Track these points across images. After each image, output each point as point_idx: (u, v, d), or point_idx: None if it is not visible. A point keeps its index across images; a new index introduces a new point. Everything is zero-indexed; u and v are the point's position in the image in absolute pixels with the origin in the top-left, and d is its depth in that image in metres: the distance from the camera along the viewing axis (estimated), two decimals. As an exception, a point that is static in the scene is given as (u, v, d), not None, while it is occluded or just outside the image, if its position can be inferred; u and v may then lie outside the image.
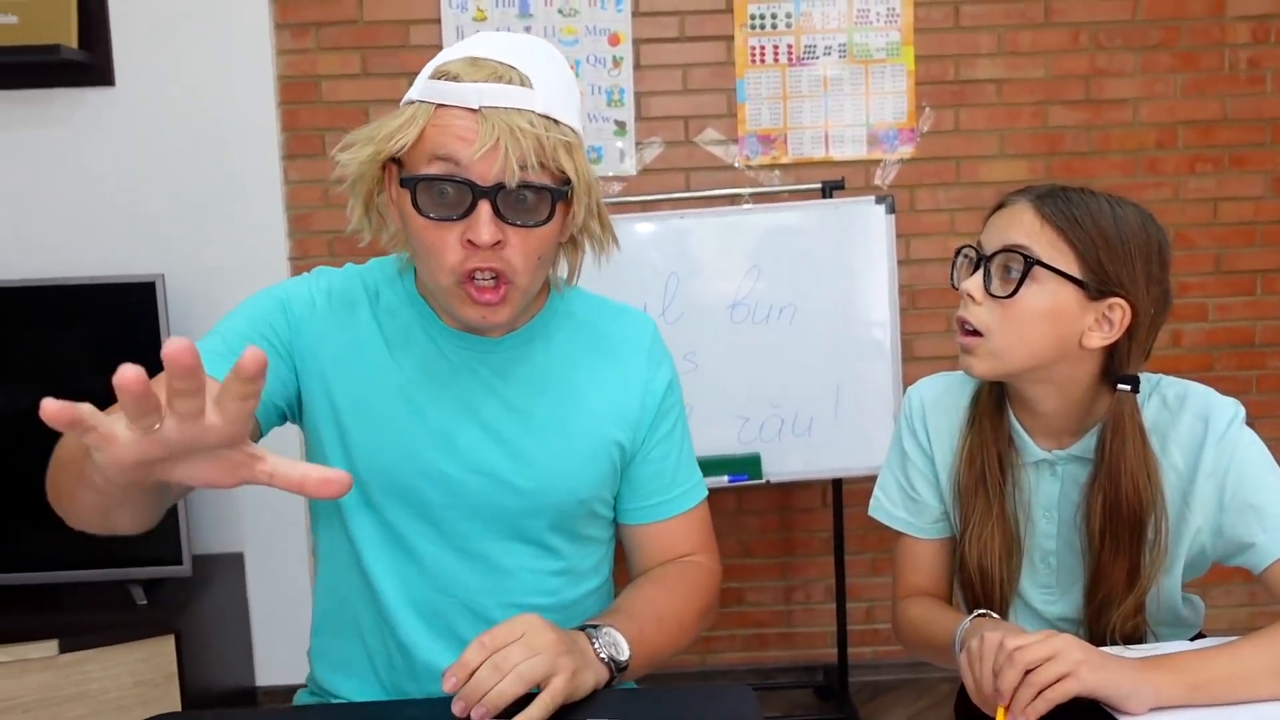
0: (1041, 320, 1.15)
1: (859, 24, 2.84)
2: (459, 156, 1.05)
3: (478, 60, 1.08)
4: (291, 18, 2.78)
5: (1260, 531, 1.13)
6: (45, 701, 2.26)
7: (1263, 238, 2.94)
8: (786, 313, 2.57)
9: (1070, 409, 1.22)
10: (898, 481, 1.37)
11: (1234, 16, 2.86)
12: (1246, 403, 2.96)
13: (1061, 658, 0.97)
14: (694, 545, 1.32)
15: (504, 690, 0.98)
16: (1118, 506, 1.17)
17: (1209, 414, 1.17)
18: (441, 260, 1.09)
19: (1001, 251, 1.16)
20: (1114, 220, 1.14)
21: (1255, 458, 1.16)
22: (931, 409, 1.33)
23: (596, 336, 1.28)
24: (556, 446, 1.22)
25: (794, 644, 3.03)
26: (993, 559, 1.25)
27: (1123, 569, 1.19)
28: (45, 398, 0.66)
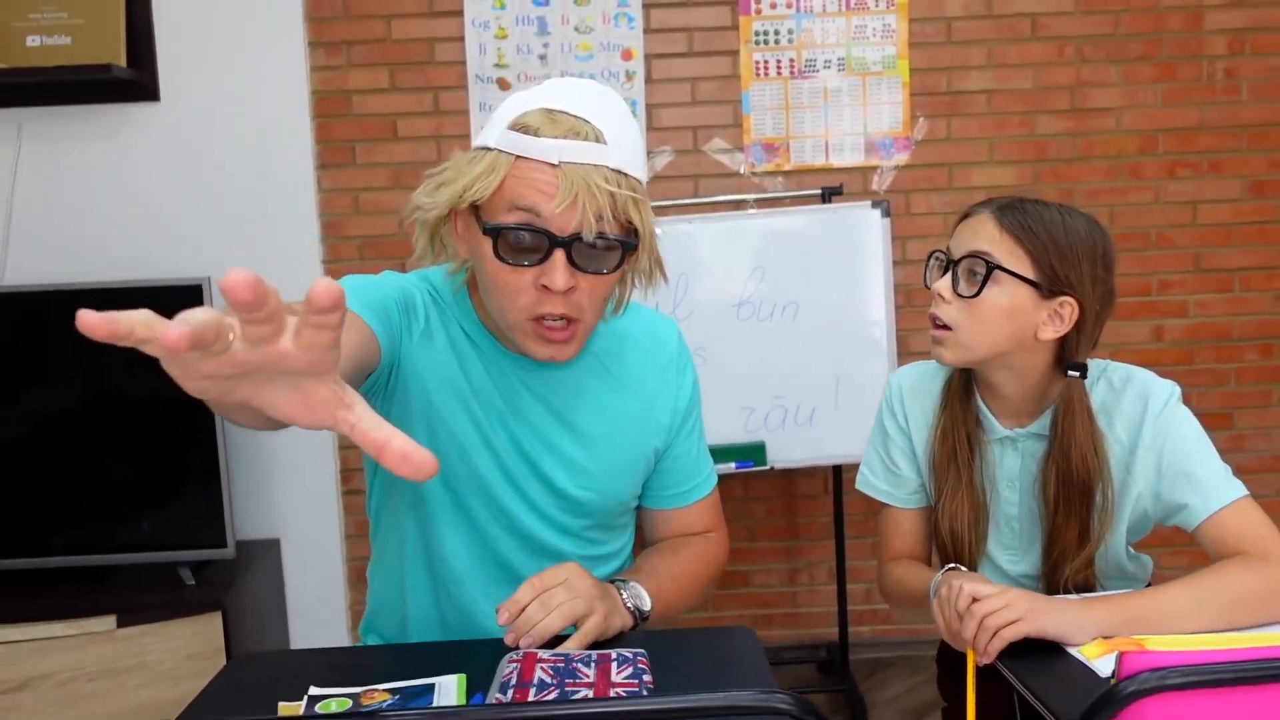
0: (1001, 316, 1.33)
1: (857, 39, 3.01)
2: (539, 209, 1.14)
3: (554, 114, 1.16)
4: (324, 36, 2.97)
5: (1192, 495, 1.31)
6: (106, 671, 2.44)
7: (1240, 238, 3.11)
8: (789, 310, 2.75)
9: (1028, 392, 1.40)
10: (880, 457, 1.54)
11: (1211, 30, 3.03)
12: (1225, 394, 3.16)
13: (1012, 607, 1.16)
14: (707, 525, 1.50)
15: (549, 624, 1.17)
16: (1069, 476, 1.35)
17: (1149, 394, 1.35)
18: (514, 301, 1.18)
19: (967, 257, 1.34)
20: (1064, 229, 1.32)
21: (1188, 432, 1.33)
22: (909, 393, 1.51)
23: (631, 349, 1.40)
24: (606, 459, 1.36)
25: (798, 623, 3.21)
26: (963, 524, 1.43)
27: (1074, 530, 1.37)
28: (80, 309, 0.57)
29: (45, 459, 2.58)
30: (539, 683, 1.04)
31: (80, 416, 2.60)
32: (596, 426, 1.36)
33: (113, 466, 2.60)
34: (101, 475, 2.59)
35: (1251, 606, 1.20)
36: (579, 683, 1.05)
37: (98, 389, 2.60)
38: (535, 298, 1.17)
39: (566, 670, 1.08)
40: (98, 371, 2.60)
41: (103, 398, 2.60)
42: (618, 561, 1.48)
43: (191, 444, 2.59)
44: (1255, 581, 1.22)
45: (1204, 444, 1.34)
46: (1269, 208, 3.09)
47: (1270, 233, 3.10)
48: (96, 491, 2.60)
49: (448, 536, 1.35)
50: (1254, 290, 3.12)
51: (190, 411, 2.56)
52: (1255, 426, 3.14)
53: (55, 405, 2.59)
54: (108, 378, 2.60)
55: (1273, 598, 1.21)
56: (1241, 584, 1.21)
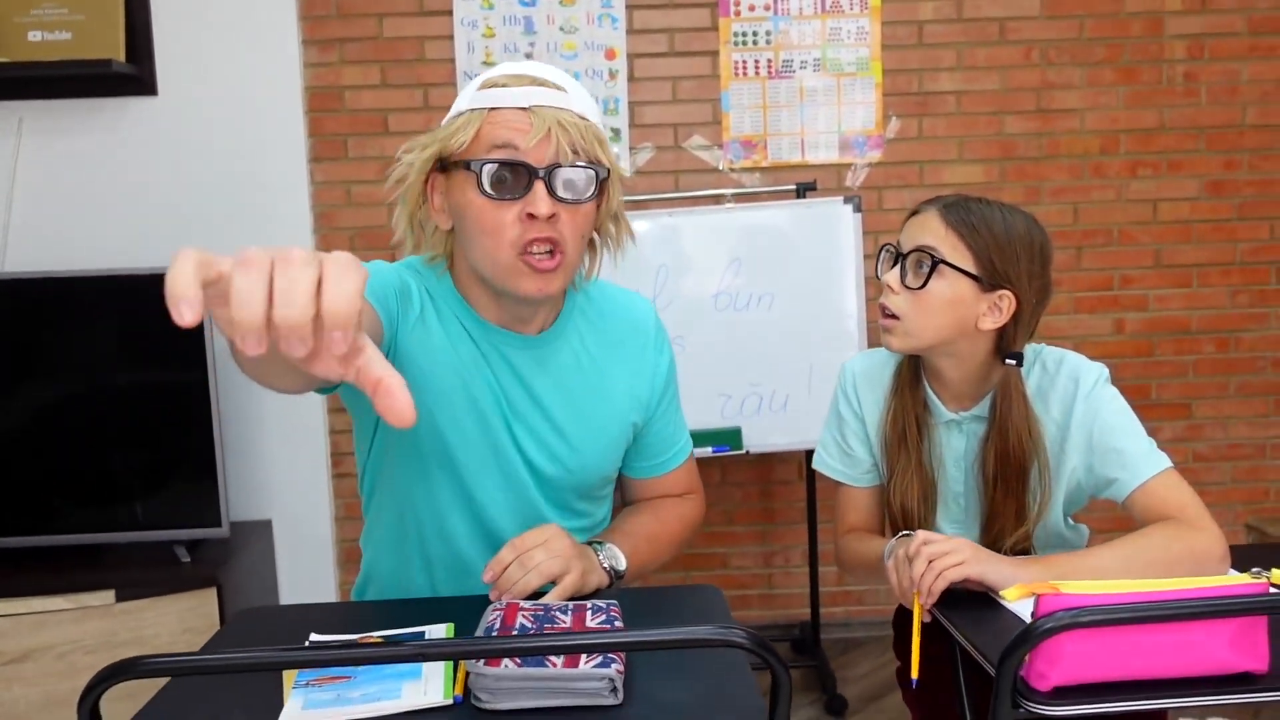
0: (945, 307, 1.43)
1: (832, 41, 3.13)
2: (516, 143, 1.25)
3: (517, 74, 1.30)
4: (318, 34, 3.06)
5: (1121, 469, 1.42)
6: (106, 644, 2.54)
7: (1198, 235, 3.23)
8: (765, 301, 2.86)
9: (970, 378, 1.51)
10: (835, 440, 1.65)
11: (1171, 35, 3.16)
12: (1184, 385, 3.29)
13: (957, 552, 1.27)
14: (685, 488, 1.62)
15: (528, 582, 1.28)
16: (1006, 457, 1.46)
17: (1079, 375, 1.46)
18: (501, 236, 1.27)
19: (914, 251, 1.45)
20: (1004, 226, 1.43)
21: (1116, 409, 1.44)
22: (862, 379, 1.62)
23: (610, 328, 1.48)
24: (589, 432, 1.44)
25: (773, 604, 3.32)
26: (913, 501, 1.54)
27: (1012, 507, 1.48)
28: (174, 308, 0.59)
29: (47, 443, 2.67)
30: (520, 627, 1.15)
31: (80, 402, 2.68)
32: (580, 401, 1.44)
33: (112, 450, 2.68)
34: (101, 458, 2.68)
35: (1171, 567, 1.30)
36: (557, 628, 1.16)
37: (97, 375, 2.68)
38: (521, 229, 1.26)
39: (545, 617, 1.18)
40: (97, 358, 2.68)
41: (102, 383, 2.68)
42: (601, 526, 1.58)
43: (188, 428, 2.67)
44: (1176, 545, 1.33)
45: (1131, 420, 1.44)
46: (1225, 206, 3.22)
47: (1226, 230, 3.23)
48: (97, 474, 2.68)
49: (445, 506, 1.42)
50: (1211, 285, 3.24)
51: (187, 397, 2.68)
52: (1212, 416, 3.27)
53: (56, 391, 2.67)
54: (107, 364, 2.68)
55: (1191, 559, 1.32)
56: (1163, 547, 1.33)
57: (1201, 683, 1.07)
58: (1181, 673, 1.07)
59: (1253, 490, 3.31)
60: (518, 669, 1.02)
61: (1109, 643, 1.06)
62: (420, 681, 1.07)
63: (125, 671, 0.89)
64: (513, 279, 1.30)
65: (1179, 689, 1.07)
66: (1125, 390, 1.49)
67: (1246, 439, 3.29)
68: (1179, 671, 1.07)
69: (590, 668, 1.03)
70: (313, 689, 1.07)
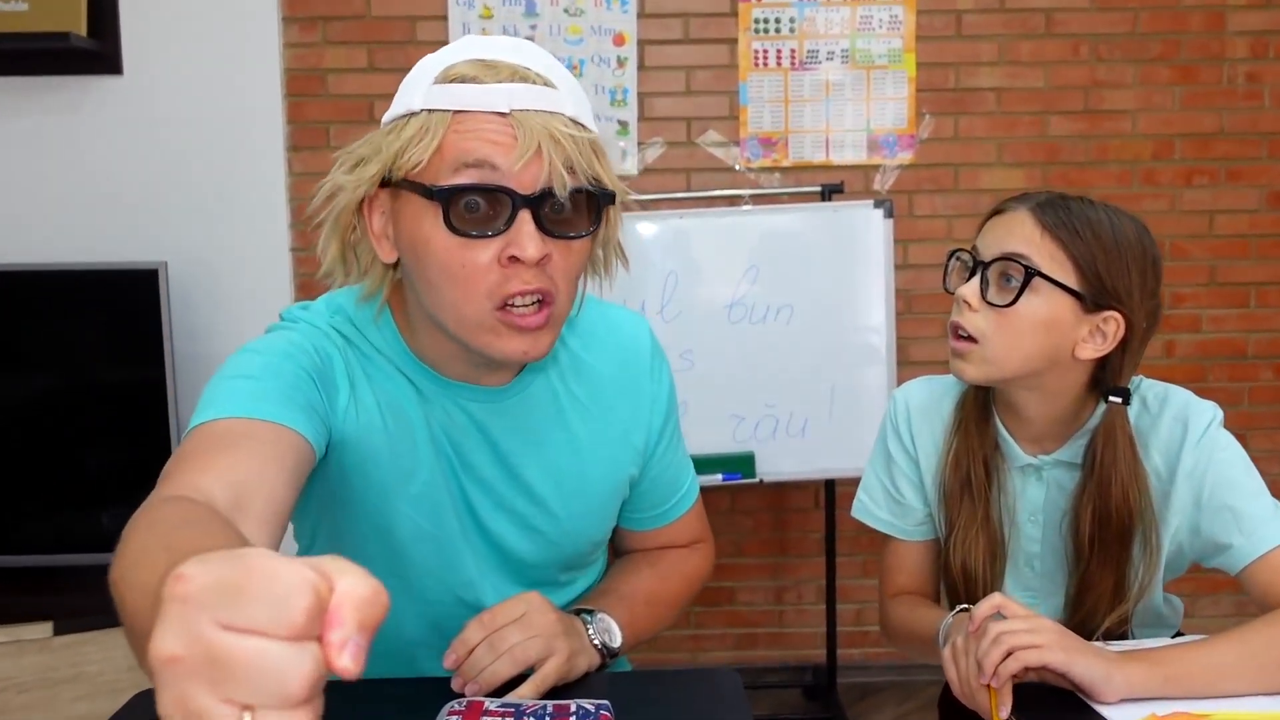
0: (1038, 330, 1.16)
1: (861, 30, 2.87)
2: (496, 162, 0.94)
3: (491, 63, 0.98)
4: (300, 11, 2.82)
5: (1237, 534, 1.15)
6: (42, 682, 2.28)
7: (1257, 251, 2.97)
8: (783, 314, 2.60)
9: (1057, 415, 1.24)
10: (881, 484, 1.38)
11: (1233, 31, 2.90)
12: (1238, 415, 3.01)
13: (1037, 632, 1.00)
14: (692, 538, 1.34)
15: (497, 671, 1.01)
16: (1107, 517, 1.19)
17: (1188, 416, 1.19)
18: (475, 286, 0.96)
19: (1001, 259, 1.17)
20: (1113, 233, 1.15)
21: (1232, 460, 1.18)
22: (917, 413, 1.34)
23: (597, 360, 1.20)
24: (574, 496, 1.17)
25: (784, 644, 3.06)
26: (977, 562, 1.27)
27: (1109, 580, 1.21)
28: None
29: (-17, 452, 2.43)
30: (481, 740, 0.89)
31: (23, 406, 2.45)
32: (559, 461, 1.15)
33: (57, 460, 2.45)
34: (41, 469, 2.45)
35: None
36: (528, 741, 0.89)
37: (39, 378, 2.46)
38: (500, 276, 0.96)
39: (515, 724, 0.92)
40: (44, 361, 2.46)
41: (44, 387, 2.46)
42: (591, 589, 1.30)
43: (142, 438, 2.44)
44: None
45: (1251, 474, 1.18)
46: (1289, 220, 2.96)
47: (1289, 246, 2.97)
48: (37, 489, 2.45)
49: (394, 609, 1.14)
50: (1270, 306, 2.99)
51: (139, 404, 2.43)
52: (1270, 449, 3.00)
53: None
54: (54, 370, 2.47)
55: None
56: None
57: None
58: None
59: (1310, 530, 3.04)
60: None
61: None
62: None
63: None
64: (487, 338, 0.99)
65: None
66: None
67: (1305, 474, 3.03)
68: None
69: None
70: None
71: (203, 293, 2.69)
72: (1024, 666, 1.00)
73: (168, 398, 2.42)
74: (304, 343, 1.03)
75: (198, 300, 2.67)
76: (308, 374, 1.00)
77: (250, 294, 2.75)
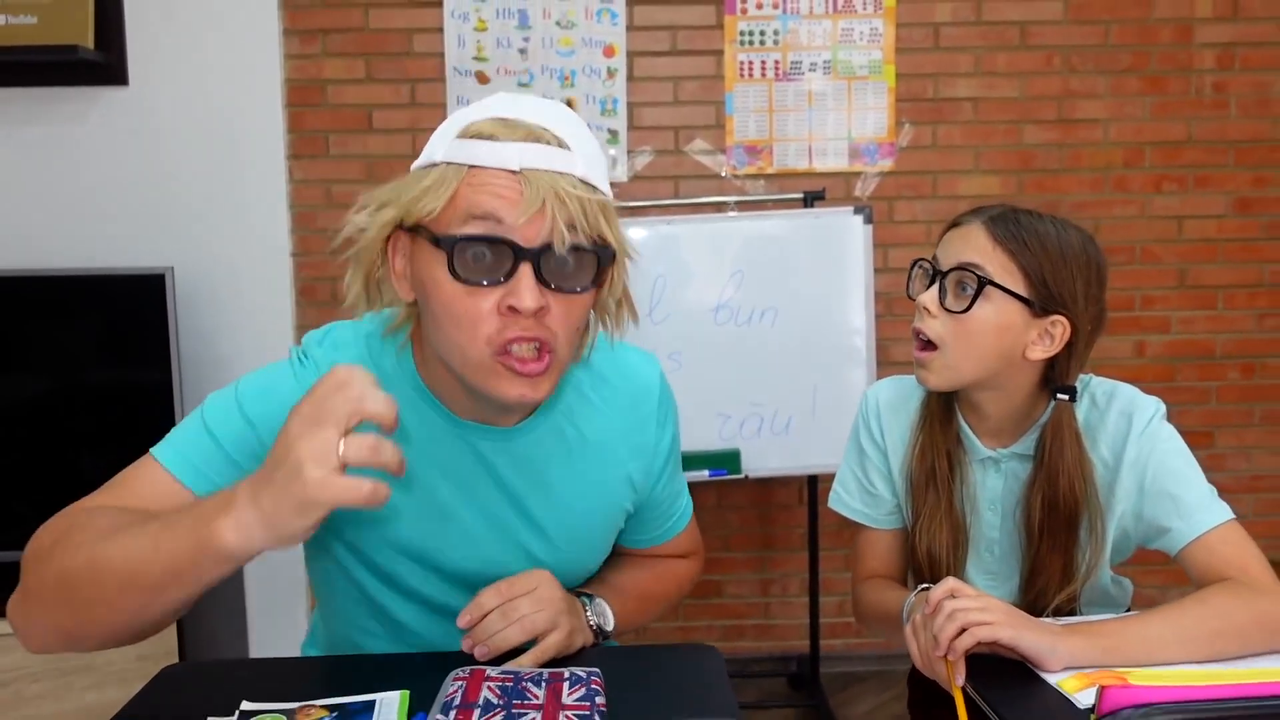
0: (991, 334, 1.26)
1: (843, 42, 2.96)
2: (501, 216, 1.00)
3: (509, 121, 1.03)
4: (300, 24, 2.90)
5: (1176, 518, 1.25)
6: (53, 672, 2.36)
7: (1225, 255, 3.07)
8: (768, 316, 2.69)
9: (1012, 412, 1.34)
10: (855, 476, 1.48)
11: (1201, 43, 3.00)
12: (1206, 413, 3.12)
13: (988, 610, 1.10)
14: (684, 551, 1.43)
15: (508, 636, 1.11)
16: (1055, 505, 1.29)
17: (1133, 411, 1.29)
18: (475, 331, 1.02)
19: (957, 269, 1.27)
20: (1059, 243, 1.25)
21: (1173, 450, 1.28)
22: (886, 410, 1.45)
23: (606, 401, 1.24)
24: (574, 528, 1.23)
25: (770, 635, 3.15)
26: (941, 547, 1.37)
27: (1058, 562, 1.31)
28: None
29: (-4, 450, 2.51)
30: (484, 703, 0.98)
31: (37, 408, 2.53)
32: (562, 495, 1.21)
33: (68, 459, 2.52)
34: (55, 468, 2.52)
35: (1237, 637, 1.14)
36: (527, 704, 0.99)
37: (52, 379, 2.53)
38: (499, 324, 1.02)
39: (514, 690, 1.01)
40: (55, 362, 2.54)
41: (57, 387, 2.53)
42: None
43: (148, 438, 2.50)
44: (1241, 611, 1.16)
45: (1189, 464, 1.28)
46: (1254, 225, 3.06)
47: (1255, 250, 3.07)
48: (49, 484, 2.52)
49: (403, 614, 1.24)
50: (1237, 308, 3.09)
51: (146, 406, 2.51)
52: (1235, 446, 3.11)
53: (5, 395, 2.52)
54: (66, 369, 2.54)
55: (1259, 628, 1.15)
56: (1227, 613, 1.16)
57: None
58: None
59: (1277, 524, 3.14)
60: (476, 765, 0.85)
61: (1184, 743, 0.89)
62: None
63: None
64: (489, 380, 1.04)
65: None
66: None
67: (1271, 470, 3.13)
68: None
69: (563, 765, 0.86)
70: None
71: (210, 296, 2.77)
72: (976, 641, 1.10)
73: (174, 398, 2.50)
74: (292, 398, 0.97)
75: (205, 303, 2.75)
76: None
77: (252, 297, 2.83)
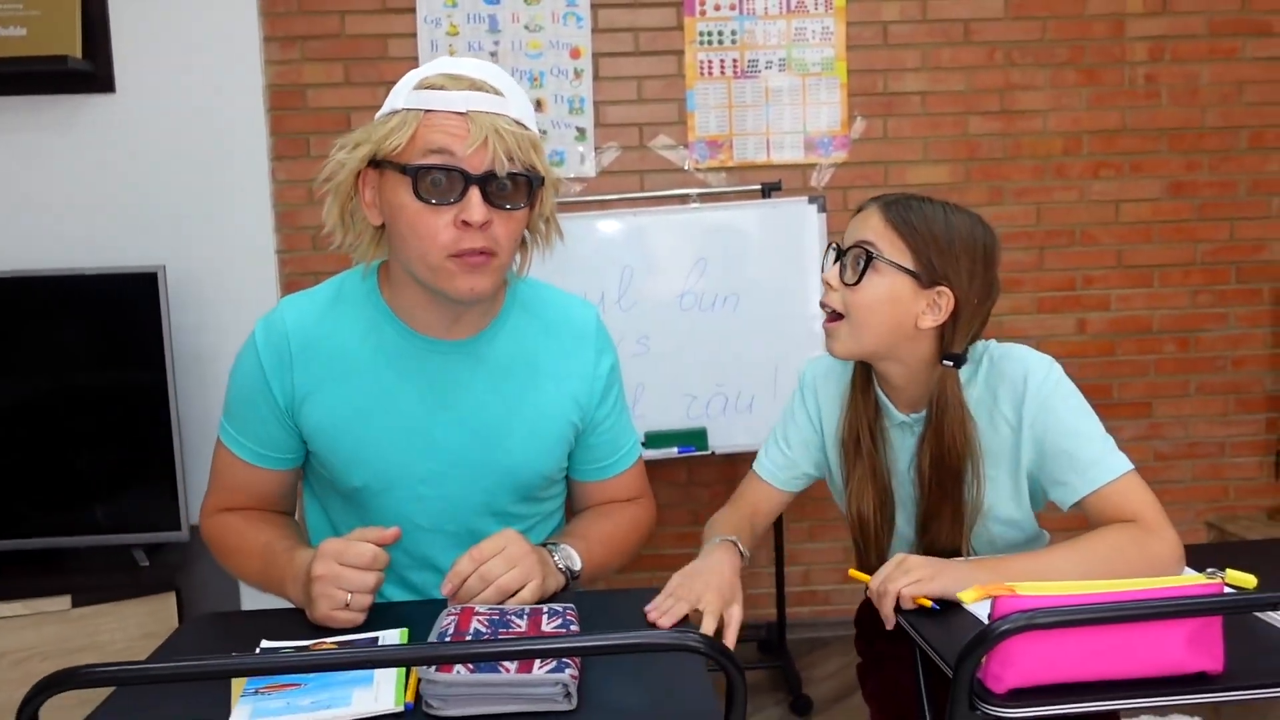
0: (883, 303, 1.41)
1: (797, 41, 3.13)
2: (453, 149, 1.24)
3: (455, 75, 1.28)
4: (280, 31, 3.03)
5: (1071, 473, 1.40)
6: (61, 651, 2.49)
7: (1159, 236, 3.26)
8: (730, 302, 2.85)
9: (915, 380, 1.48)
10: (775, 437, 1.64)
11: (1132, 37, 3.18)
12: (1146, 384, 3.31)
13: (911, 571, 1.29)
14: (633, 493, 1.60)
15: (487, 598, 1.26)
16: (940, 460, 1.44)
17: (1027, 371, 1.43)
18: (435, 241, 1.27)
19: (854, 247, 1.43)
20: (945, 224, 1.41)
21: (1070, 409, 1.42)
22: (821, 381, 1.60)
23: (550, 330, 1.46)
24: (525, 432, 1.42)
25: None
26: (869, 508, 1.52)
27: (948, 511, 1.46)
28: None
29: (3, 445, 2.62)
30: (474, 632, 1.14)
31: (36, 404, 2.63)
32: (513, 401, 1.42)
33: (69, 452, 2.64)
34: (59, 461, 2.63)
35: (1126, 574, 1.27)
36: (512, 632, 1.14)
37: (53, 377, 2.64)
38: (454, 235, 1.26)
39: (501, 622, 1.17)
40: (53, 360, 2.64)
41: (58, 386, 2.64)
42: (550, 525, 1.57)
43: (147, 430, 2.63)
44: (1131, 548, 1.31)
45: (1084, 420, 1.41)
46: (1186, 207, 3.25)
47: (1187, 230, 3.26)
48: (54, 477, 2.63)
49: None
50: (1172, 285, 3.27)
51: (146, 400, 2.64)
52: (1173, 415, 3.30)
53: (10, 393, 2.62)
54: (63, 366, 2.64)
55: (1146, 563, 1.30)
56: (1118, 549, 1.31)
57: (1157, 683, 1.07)
58: (1137, 674, 1.07)
59: (1212, 489, 3.34)
60: (470, 675, 1.01)
61: (1065, 644, 1.06)
62: (371, 688, 1.06)
63: (64, 682, 0.87)
64: (445, 279, 1.30)
65: (1134, 690, 1.07)
66: (1087, 390, 1.46)
67: (1206, 437, 3.32)
68: (1135, 672, 1.07)
69: (544, 673, 1.01)
70: (261, 697, 1.05)
71: (198, 293, 2.87)
72: (915, 598, 1.27)
73: (169, 396, 2.62)
74: (252, 359, 1.41)
75: (195, 300, 2.86)
76: (261, 395, 1.40)
77: (239, 294, 2.93)
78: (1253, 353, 3.31)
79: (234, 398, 1.45)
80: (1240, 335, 3.30)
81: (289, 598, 1.34)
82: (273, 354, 1.40)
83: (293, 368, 1.39)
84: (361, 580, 1.24)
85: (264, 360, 1.40)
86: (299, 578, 1.29)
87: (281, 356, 1.39)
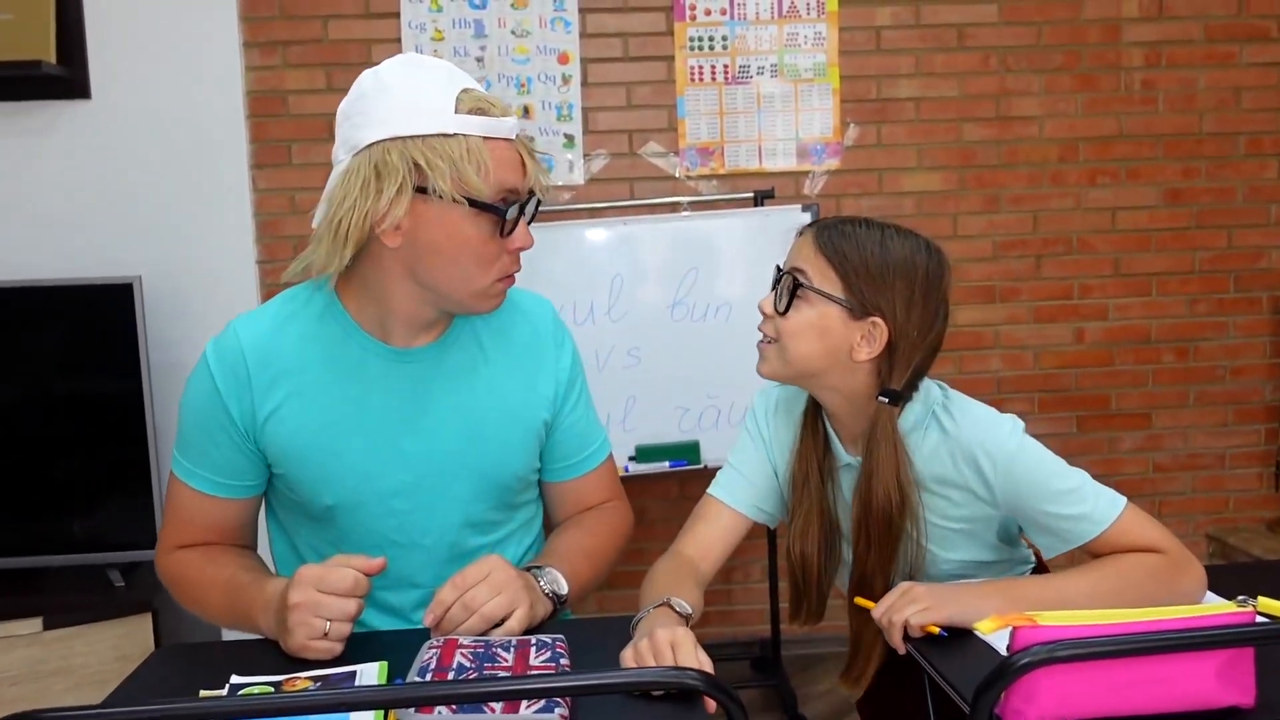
0: (810, 331, 1.32)
1: (789, 46, 3.07)
2: (518, 187, 1.28)
3: (474, 92, 1.26)
4: (260, 36, 2.96)
5: (1063, 533, 1.31)
6: (31, 675, 2.41)
7: (1157, 244, 3.22)
8: (722, 312, 2.79)
9: (857, 413, 1.38)
10: (733, 464, 1.51)
11: (1128, 42, 3.14)
12: (1144, 395, 3.25)
13: (916, 601, 1.22)
14: (606, 494, 1.54)
15: (472, 627, 1.19)
16: (869, 505, 1.34)
17: (989, 446, 1.32)
18: (489, 269, 1.29)
19: (785, 274, 1.35)
20: (880, 251, 1.31)
21: (1041, 478, 1.31)
22: (776, 411, 1.50)
23: (506, 328, 1.43)
24: (494, 432, 1.39)
25: (732, 620, 3.25)
26: (812, 548, 1.42)
27: (876, 560, 1.36)
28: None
29: (-30, 460, 2.55)
30: (458, 667, 1.07)
31: (8, 417, 2.57)
32: (479, 403, 1.39)
33: (41, 468, 2.57)
34: (30, 476, 2.56)
35: (1148, 601, 1.20)
36: (498, 666, 1.07)
37: (24, 390, 2.57)
38: (508, 261, 1.30)
39: (486, 655, 1.10)
40: (27, 372, 2.57)
41: (29, 398, 2.57)
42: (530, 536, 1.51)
43: (121, 445, 2.56)
44: (1152, 578, 1.25)
45: (1058, 479, 1.31)
46: (1184, 214, 3.21)
47: (1185, 238, 3.21)
48: (25, 493, 2.56)
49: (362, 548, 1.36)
50: (1170, 294, 3.23)
51: (120, 413, 2.56)
52: (1172, 426, 3.25)
53: (-19, 406, 2.56)
54: (39, 381, 2.57)
55: (1169, 594, 1.23)
56: (1139, 578, 1.25)
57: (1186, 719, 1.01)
58: (1166, 708, 1.01)
59: (1212, 500, 3.29)
60: (453, 716, 0.94)
61: (1089, 678, 0.99)
62: (348, 730, 0.99)
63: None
64: (485, 301, 1.32)
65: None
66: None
67: (1206, 448, 3.27)
68: (1163, 707, 1.00)
69: (532, 713, 0.94)
70: (229, 740, 0.97)
71: (176, 305, 2.81)
72: (922, 627, 1.20)
73: (144, 405, 2.55)
74: (205, 383, 1.35)
75: (172, 312, 2.80)
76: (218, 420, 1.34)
77: (218, 305, 2.86)
78: (1252, 362, 3.27)
79: (187, 427, 1.38)
80: (1239, 344, 3.26)
81: (258, 629, 1.27)
82: (228, 374, 1.33)
83: (251, 387, 1.33)
84: (341, 608, 1.18)
85: (219, 382, 1.33)
86: (270, 606, 1.22)
87: (238, 376, 1.33)
